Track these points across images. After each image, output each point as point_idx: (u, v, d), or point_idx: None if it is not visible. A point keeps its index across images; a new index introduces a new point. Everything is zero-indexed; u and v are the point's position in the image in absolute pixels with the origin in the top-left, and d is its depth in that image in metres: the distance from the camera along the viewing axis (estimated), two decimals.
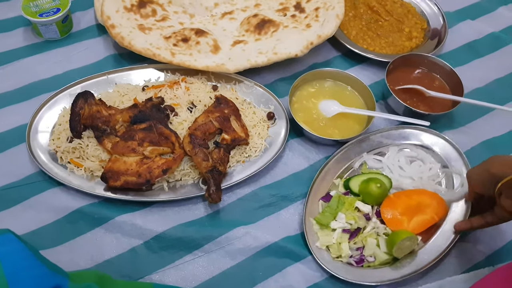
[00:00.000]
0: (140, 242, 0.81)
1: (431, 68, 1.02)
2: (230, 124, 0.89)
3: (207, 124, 0.88)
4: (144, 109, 0.89)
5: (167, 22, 1.03)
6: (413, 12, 1.15)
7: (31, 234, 0.80)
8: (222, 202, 0.85)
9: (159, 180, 0.84)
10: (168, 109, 0.90)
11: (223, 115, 0.89)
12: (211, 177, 0.82)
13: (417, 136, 0.93)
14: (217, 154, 0.85)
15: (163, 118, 0.89)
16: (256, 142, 0.91)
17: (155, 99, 0.91)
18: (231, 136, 0.88)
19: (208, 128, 0.87)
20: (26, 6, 1.02)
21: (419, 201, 0.84)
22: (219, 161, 0.85)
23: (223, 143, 0.87)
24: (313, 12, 1.04)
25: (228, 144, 0.87)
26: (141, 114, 0.88)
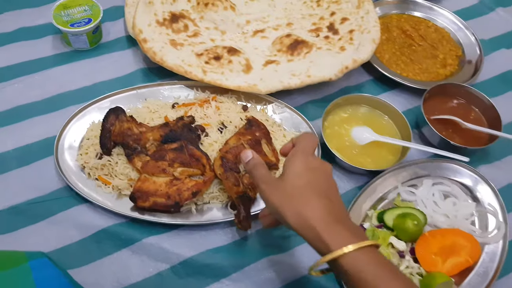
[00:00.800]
0: (167, 267, 0.79)
1: (468, 99, 0.99)
2: (261, 148, 0.87)
3: (239, 147, 0.86)
4: (175, 128, 0.87)
5: (198, 38, 1.02)
6: (447, 38, 1.13)
7: (56, 252, 0.78)
8: (252, 228, 0.83)
9: (187, 202, 0.82)
10: (199, 129, 0.89)
11: (255, 138, 0.88)
12: (241, 202, 0.80)
13: (452, 170, 0.91)
14: (248, 179, 0.83)
15: (194, 139, 0.87)
16: None
17: (186, 118, 0.89)
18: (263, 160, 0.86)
19: (239, 152, 0.85)
20: (57, 14, 1.00)
21: (454, 242, 0.82)
22: (249, 186, 0.83)
23: None
24: (347, 35, 1.02)
25: None
26: (172, 133, 0.86)
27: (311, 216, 0.56)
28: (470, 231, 0.85)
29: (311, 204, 0.58)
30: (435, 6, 1.17)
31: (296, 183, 0.60)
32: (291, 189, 0.60)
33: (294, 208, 0.58)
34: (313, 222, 0.56)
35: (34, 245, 0.78)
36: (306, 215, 0.57)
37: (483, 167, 0.95)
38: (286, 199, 0.59)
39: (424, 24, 1.15)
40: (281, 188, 0.61)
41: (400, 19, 1.16)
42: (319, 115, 0.97)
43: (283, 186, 0.61)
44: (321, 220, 0.56)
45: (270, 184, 0.63)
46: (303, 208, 0.58)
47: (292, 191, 0.60)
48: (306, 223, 0.56)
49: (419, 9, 1.18)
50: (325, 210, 0.57)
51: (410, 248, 0.82)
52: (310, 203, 0.58)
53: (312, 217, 0.56)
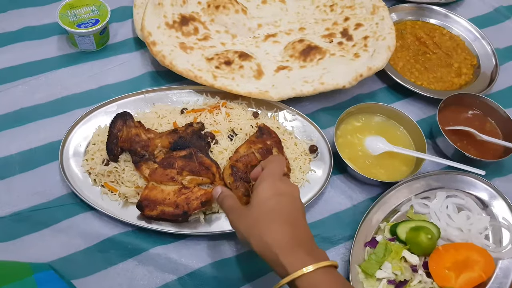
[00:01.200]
0: (174, 278, 0.77)
1: (484, 110, 0.97)
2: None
3: (249, 155, 0.83)
4: (184, 135, 0.84)
5: (208, 41, 0.99)
6: (462, 46, 1.11)
7: (60, 261, 0.76)
8: None
9: (196, 212, 0.80)
10: (209, 136, 0.86)
11: (266, 146, 0.85)
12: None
13: (467, 183, 0.88)
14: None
15: (203, 146, 0.84)
16: (297, 176, 0.87)
17: (196, 124, 0.87)
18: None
19: (250, 160, 0.83)
20: (63, 14, 0.98)
21: (467, 256, 0.80)
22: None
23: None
24: (362, 41, 1.00)
25: None
26: (181, 140, 0.83)
27: (271, 241, 0.59)
28: (484, 245, 0.83)
29: (273, 230, 0.60)
30: (451, 14, 1.15)
31: (261, 209, 0.63)
32: (256, 215, 0.63)
33: (257, 234, 0.61)
34: (273, 246, 0.59)
35: (37, 254, 0.76)
36: (266, 240, 0.59)
37: (497, 180, 0.93)
38: (251, 225, 0.62)
39: (439, 32, 1.13)
40: (248, 215, 0.64)
41: (415, 25, 1.13)
42: (331, 123, 0.95)
43: (250, 213, 0.64)
44: (281, 245, 0.59)
45: (237, 213, 0.66)
46: (265, 233, 0.60)
47: (257, 217, 0.62)
48: (267, 247, 0.59)
49: (434, 16, 1.15)
50: (286, 235, 0.60)
51: (423, 262, 0.80)
52: (272, 228, 0.60)
53: (272, 242, 0.59)
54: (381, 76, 1.04)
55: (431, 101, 1.00)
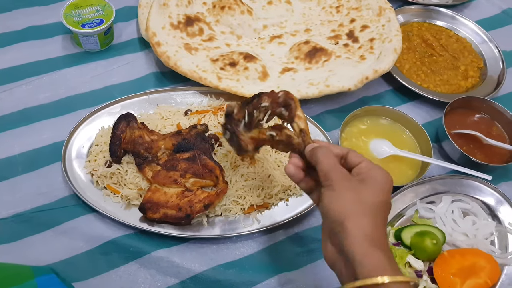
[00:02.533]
0: (176, 281, 0.76)
1: (491, 114, 0.96)
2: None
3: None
4: (188, 137, 0.84)
5: (213, 42, 0.98)
6: (469, 48, 1.09)
7: (62, 264, 0.75)
8: (264, 243, 0.80)
9: (199, 214, 0.79)
10: (212, 138, 0.85)
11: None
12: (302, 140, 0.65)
13: (473, 187, 0.87)
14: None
15: (207, 149, 0.84)
16: None
17: (200, 126, 0.86)
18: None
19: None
20: (68, 14, 0.97)
21: (473, 262, 0.79)
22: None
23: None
24: (368, 43, 0.99)
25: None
26: (184, 142, 0.83)
27: (372, 233, 0.53)
28: (489, 251, 0.82)
29: (378, 232, 0.54)
30: (458, 16, 1.14)
31: (376, 200, 0.55)
32: (369, 201, 0.55)
33: (361, 220, 0.53)
34: (371, 244, 0.52)
35: (39, 256, 0.76)
36: (368, 229, 0.53)
37: (503, 184, 0.92)
38: (358, 205, 0.54)
39: (446, 34, 1.11)
40: (359, 191, 0.55)
41: (421, 27, 1.12)
42: (336, 125, 0.94)
43: (363, 190, 0.56)
44: (377, 241, 0.53)
45: (345, 179, 0.57)
46: (371, 227, 0.53)
47: (369, 204, 0.55)
48: (364, 238, 0.52)
49: (441, 18, 1.14)
50: (383, 235, 0.54)
51: (428, 267, 0.79)
52: (378, 230, 0.54)
53: (374, 239, 0.53)
54: (387, 78, 1.03)
55: (437, 104, 0.99)
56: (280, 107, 0.69)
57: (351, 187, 0.56)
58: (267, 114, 0.69)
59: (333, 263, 0.56)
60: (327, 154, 0.59)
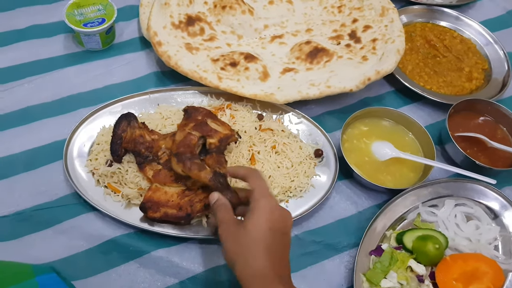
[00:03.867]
0: (175, 281, 0.76)
1: (495, 116, 0.95)
2: (210, 127, 0.81)
3: (187, 137, 0.79)
4: None
5: (214, 42, 0.98)
6: (473, 50, 1.08)
7: (62, 262, 0.76)
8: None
9: (199, 214, 0.79)
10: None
11: (198, 122, 0.82)
12: (218, 183, 0.73)
13: (476, 191, 0.86)
14: (211, 159, 0.78)
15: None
16: (302, 181, 0.85)
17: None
18: (217, 137, 0.80)
19: (190, 141, 0.78)
20: (70, 13, 0.97)
21: (476, 268, 0.78)
22: (216, 164, 0.77)
23: (212, 148, 0.80)
24: (370, 44, 0.98)
25: (218, 147, 0.80)
26: None
27: (258, 269, 0.60)
28: (493, 256, 0.81)
29: (262, 259, 0.61)
30: (462, 16, 1.13)
31: (255, 235, 0.62)
32: (249, 239, 0.62)
33: (245, 257, 0.61)
34: (259, 275, 0.60)
35: (39, 254, 0.76)
36: (254, 267, 0.60)
37: (507, 188, 0.91)
38: (241, 246, 0.62)
39: (449, 34, 1.10)
40: (240, 235, 0.63)
41: (425, 28, 1.11)
42: (337, 126, 0.93)
43: (243, 234, 0.63)
44: (266, 276, 0.60)
45: (230, 228, 0.65)
46: (254, 260, 0.61)
47: (249, 241, 0.62)
48: (251, 274, 0.60)
49: (445, 18, 1.13)
50: (273, 269, 0.61)
51: (429, 272, 0.78)
52: (262, 257, 0.61)
53: (259, 271, 0.60)
54: (389, 79, 1.02)
55: (441, 106, 0.98)
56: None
57: (235, 236, 0.64)
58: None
59: None
60: (223, 212, 0.68)
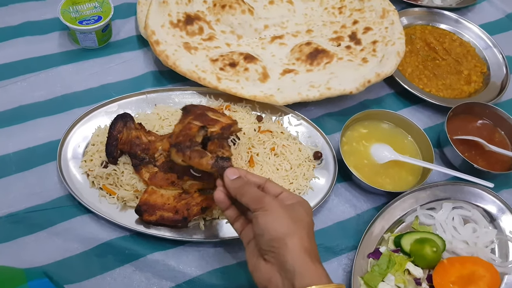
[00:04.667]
0: (171, 285, 0.75)
1: (494, 120, 0.95)
2: (210, 117, 0.78)
3: (187, 126, 0.75)
4: None
5: (213, 42, 0.97)
6: (472, 53, 1.08)
7: (56, 265, 0.74)
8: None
9: (196, 217, 0.78)
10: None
11: (197, 114, 0.78)
12: (221, 168, 0.68)
13: (474, 194, 0.86)
14: (213, 145, 0.74)
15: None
16: (301, 183, 0.85)
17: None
18: (219, 126, 0.76)
19: (189, 129, 0.74)
20: (65, 10, 0.95)
21: (473, 271, 0.78)
22: (219, 149, 0.73)
23: (214, 135, 0.75)
24: (370, 46, 0.97)
25: (220, 134, 0.76)
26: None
27: (311, 250, 0.58)
28: (489, 259, 0.81)
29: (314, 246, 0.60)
30: (462, 19, 1.12)
31: (307, 220, 0.61)
32: (302, 221, 0.61)
33: (301, 235, 0.58)
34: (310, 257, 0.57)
35: (33, 257, 0.74)
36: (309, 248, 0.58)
37: (504, 192, 0.91)
38: (295, 225, 0.59)
39: (449, 37, 1.10)
40: (293, 213, 0.61)
41: (424, 30, 1.11)
42: (337, 128, 0.93)
43: (295, 213, 0.61)
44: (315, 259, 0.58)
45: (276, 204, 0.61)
46: (309, 242, 0.59)
47: (303, 223, 0.60)
48: (305, 253, 0.57)
49: (445, 21, 1.13)
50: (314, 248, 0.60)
51: (427, 275, 0.78)
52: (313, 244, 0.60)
53: (311, 252, 0.58)
54: (389, 81, 1.02)
55: (440, 109, 0.98)
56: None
57: (285, 208, 0.60)
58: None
59: (269, 280, 0.59)
60: (251, 185, 0.64)
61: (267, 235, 0.58)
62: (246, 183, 0.64)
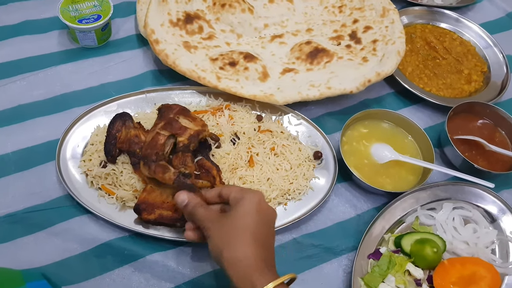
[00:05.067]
0: (171, 286, 0.75)
1: (494, 120, 0.95)
2: (180, 124, 0.78)
3: (155, 138, 0.77)
4: None
5: (213, 41, 0.96)
6: (472, 52, 1.08)
7: (54, 266, 0.74)
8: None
9: None
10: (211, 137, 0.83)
11: (169, 120, 0.79)
12: (182, 184, 0.72)
13: (474, 195, 0.86)
14: (177, 159, 0.76)
15: (204, 149, 0.82)
16: (301, 183, 0.84)
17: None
18: (186, 135, 0.78)
19: (157, 141, 0.76)
20: (64, 9, 0.95)
21: (473, 272, 0.77)
22: (181, 165, 0.75)
23: (180, 147, 0.77)
24: (370, 45, 0.97)
25: (186, 145, 0.77)
26: None
27: (247, 255, 0.60)
28: (490, 260, 0.80)
29: (250, 246, 0.60)
30: (462, 18, 1.12)
31: (243, 221, 0.62)
32: (236, 225, 0.62)
33: (233, 244, 0.61)
34: (247, 261, 0.59)
35: (31, 257, 0.74)
36: (243, 253, 0.60)
37: (505, 192, 0.91)
38: (228, 233, 0.62)
39: (449, 36, 1.10)
40: (226, 223, 0.63)
41: (425, 29, 1.10)
42: (337, 128, 0.92)
43: (229, 221, 0.63)
44: (255, 262, 0.60)
45: (214, 220, 0.65)
46: (242, 246, 0.60)
47: (236, 227, 0.62)
48: (239, 260, 0.59)
49: (445, 20, 1.12)
50: (261, 256, 0.61)
51: (427, 276, 0.78)
52: (250, 244, 0.61)
53: (247, 257, 0.59)
54: (389, 81, 1.01)
55: (440, 108, 0.98)
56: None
57: (220, 224, 0.63)
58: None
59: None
60: (199, 210, 0.67)
61: (212, 258, 0.63)
62: (195, 206, 0.68)
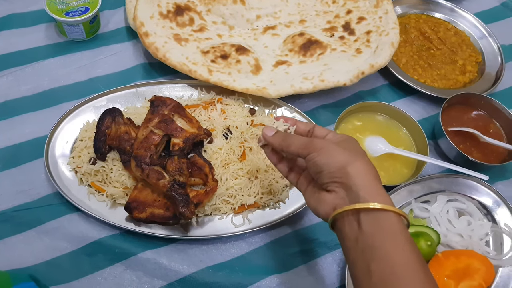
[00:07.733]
0: (163, 284, 0.74)
1: (489, 111, 0.94)
2: (175, 125, 0.77)
3: (149, 137, 0.75)
4: None
5: (204, 33, 0.94)
6: (467, 42, 1.06)
7: (44, 265, 0.73)
8: (255, 243, 0.78)
9: None
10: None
11: (164, 117, 0.78)
12: (176, 194, 0.71)
13: (469, 187, 0.85)
14: (172, 165, 0.74)
15: (196, 146, 0.80)
16: None
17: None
18: (182, 137, 0.76)
19: (151, 141, 0.75)
20: (51, 1, 0.92)
21: (468, 264, 0.77)
22: (177, 172, 0.74)
23: (175, 150, 0.76)
24: (364, 36, 0.95)
25: (181, 149, 0.76)
26: None
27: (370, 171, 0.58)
28: (484, 252, 0.80)
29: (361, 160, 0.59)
30: (456, 8, 1.10)
31: (357, 149, 0.61)
32: (354, 149, 0.61)
33: (361, 159, 0.59)
34: (374, 176, 0.58)
35: (20, 257, 0.73)
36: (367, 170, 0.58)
37: (499, 184, 0.90)
38: (351, 151, 0.59)
39: (444, 26, 1.08)
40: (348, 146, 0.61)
41: (419, 19, 1.09)
42: (331, 121, 0.91)
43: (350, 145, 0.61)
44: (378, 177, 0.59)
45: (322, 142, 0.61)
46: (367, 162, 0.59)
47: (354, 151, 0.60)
48: (367, 174, 0.57)
49: (440, 10, 1.11)
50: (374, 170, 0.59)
51: None
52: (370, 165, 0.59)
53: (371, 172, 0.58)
54: (383, 72, 1.00)
55: (434, 99, 0.97)
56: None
57: (336, 144, 0.61)
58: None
59: (334, 207, 0.58)
60: (293, 136, 0.65)
61: (327, 170, 0.58)
62: (287, 135, 0.65)
